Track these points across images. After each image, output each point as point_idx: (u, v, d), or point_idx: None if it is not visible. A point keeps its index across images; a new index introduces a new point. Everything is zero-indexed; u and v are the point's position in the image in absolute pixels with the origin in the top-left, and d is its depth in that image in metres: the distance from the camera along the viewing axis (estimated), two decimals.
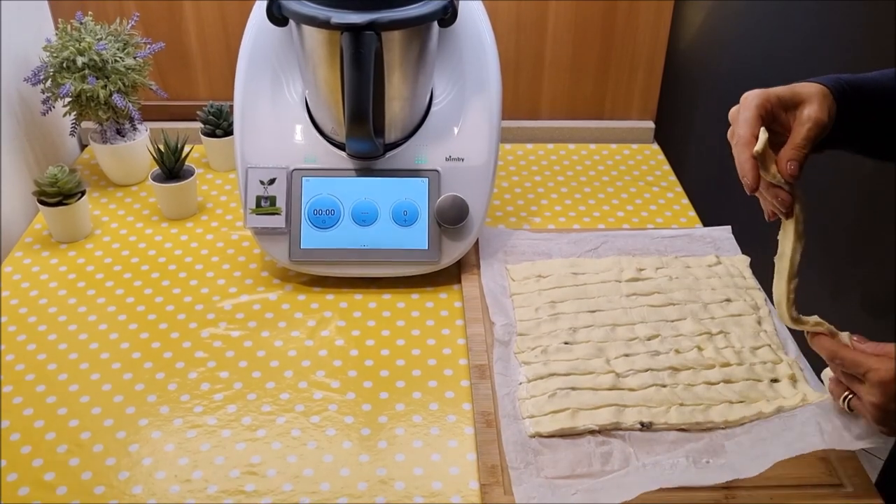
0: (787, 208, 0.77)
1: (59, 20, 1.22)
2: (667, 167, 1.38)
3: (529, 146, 1.43)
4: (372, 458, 0.85)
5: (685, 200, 1.29)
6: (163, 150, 1.19)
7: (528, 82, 1.41)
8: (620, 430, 0.86)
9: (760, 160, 0.75)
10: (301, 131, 1.09)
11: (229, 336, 1.01)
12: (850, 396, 0.78)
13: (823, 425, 0.83)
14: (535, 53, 1.38)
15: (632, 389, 0.90)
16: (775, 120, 0.77)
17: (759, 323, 1.00)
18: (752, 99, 0.76)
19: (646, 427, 0.86)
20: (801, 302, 1.09)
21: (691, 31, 1.41)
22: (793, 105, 0.76)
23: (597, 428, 0.86)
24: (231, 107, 1.28)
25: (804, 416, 0.85)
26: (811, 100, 0.75)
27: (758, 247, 1.15)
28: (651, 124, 1.45)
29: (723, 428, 0.87)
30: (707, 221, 1.24)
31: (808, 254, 1.00)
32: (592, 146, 1.44)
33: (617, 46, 1.38)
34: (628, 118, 1.45)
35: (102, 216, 1.23)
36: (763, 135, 0.74)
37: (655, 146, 1.45)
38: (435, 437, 0.88)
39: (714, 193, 1.35)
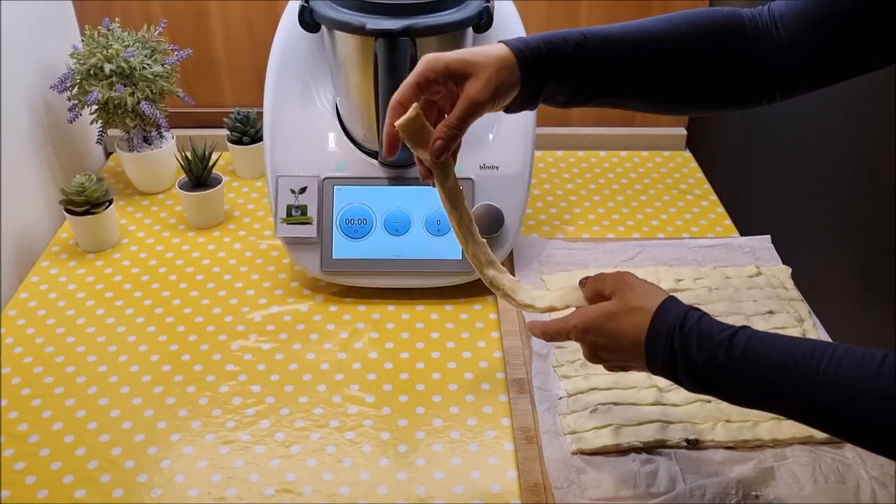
0: (426, 180, 0.76)
1: (86, 26, 1.21)
2: (700, 175, 1.36)
3: (559, 153, 1.41)
4: (410, 476, 0.83)
5: (720, 209, 1.26)
6: (190, 157, 1.17)
7: None
8: (666, 447, 0.84)
9: (410, 133, 0.71)
10: (332, 139, 1.07)
11: (260, 348, 0.99)
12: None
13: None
14: None
15: (676, 405, 0.88)
16: (441, 90, 0.73)
17: (805, 336, 0.97)
18: (419, 64, 0.72)
19: (692, 444, 0.84)
20: (833, 308, 1.06)
21: None
22: (462, 77, 0.71)
23: (641, 445, 0.83)
24: (258, 113, 1.27)
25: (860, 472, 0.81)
26: (479, 74, 0.71)
27: (799, 256, 1.13)
28: (683, 131, 1.42)
29: (772, 446, 0.84)
30: (744, 230, 1.21)
31: (837, 260, 0.97)
32: (623, 153, 1.41)
33: None
34: (660, 125, 1.42)
35: (129, 225, 1.21)
36: (412, 111, 0.70)
37: (688, 153, 1.42)
38: (474, 454, 0.85)
39: (750, 201, 1.33)
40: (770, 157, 1.35)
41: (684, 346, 0.66)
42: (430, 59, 0.72)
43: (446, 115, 0.73)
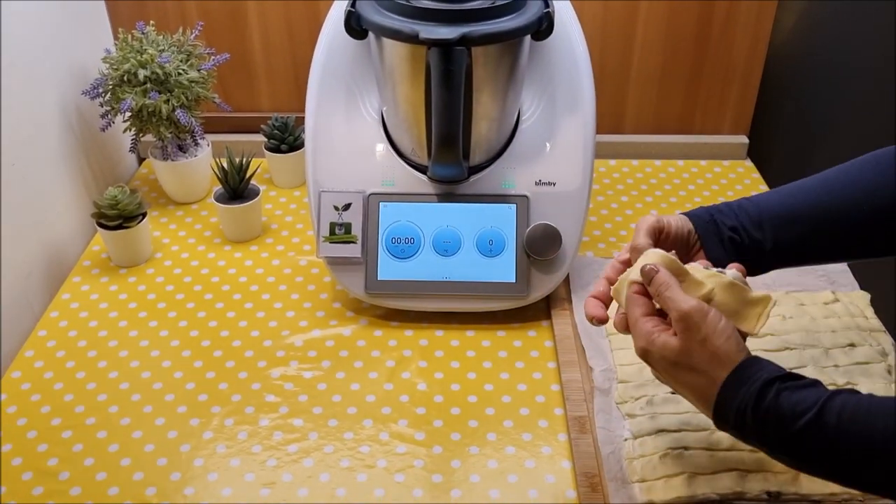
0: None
1: (119, 29, 1.15)
2: (763, 186, 1.28)
3: (612, 162, 1.33)
4: None
5: None
6: (226, 168, 1.11)
7: (613, 92, 1.31)
8: (744, 500, 0.77)
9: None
10: (378, 152, 1.01)
11: (301, 377, 0.93)
12: None
13: None
14: (622, 60, 1.28)
15: (753, 451, 0.80)
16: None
17: (890, 373, 0.89)
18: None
19: (773, 498, 0.77)
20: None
21: (790, 35, 1.29)
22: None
23: (717, 497, 0.76)
24: (297, 119, 1.21)
25: None
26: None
27: (878, 281, 1.04)
28: (745, 139, 1.34)
29: (861, 500, 0.77)
30: None
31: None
32: (680, 163, 1.34)
33: (712, 52, 1.27)
34: (720, 132, 1.34)
35: (163, 238, 1.16)
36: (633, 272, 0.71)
37: (749, 163, 1.34)
38: (534, 501, 0.79)
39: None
40: None
41: (760, 426, 0.62)
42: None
43: None
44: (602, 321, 0.73)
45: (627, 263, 0.74)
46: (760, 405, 0.61)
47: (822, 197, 0.74)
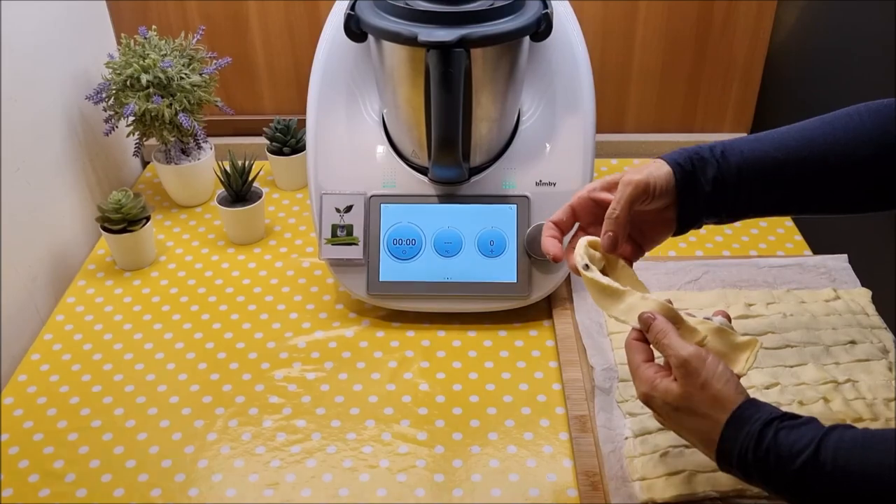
0: None
1: (122, 35, 1.16)
2: None
3: (614, 162, 1.34)
4: None
5: (789, 223, 1.18)
6: (229, 171, 1.12)
7: (614, 91, 1.32)
8: (745, 497, 0.77)
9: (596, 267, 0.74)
10: (379, 154, 1.01)
11: (304, 378, 0.93)
12: None
13: None
14: (622, 60, 1.28)
15: None
16: (594, 207, 0.78)
17: (891, 370, 0.90)
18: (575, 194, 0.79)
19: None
20: None
21: (791, 34, 1.29)
22: (617, 182, 0.75)
23: (717, 495, 0.77)
24: (299, 121, 1.21)
25: None
26: (630, 170, 0.75)
27: (880, 278, 1.04)
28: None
29: None
30: (816, 247, 1.13)
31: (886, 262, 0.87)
32: None
33: (712, 51, 1.27)
34: (720, 130, 1.35)
35: (167, 240, 1.17)
36: (580, 248, 0.75)
37: None
38: (535, 500, 0.79)
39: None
40: None
41: (761, 466, 0.62)
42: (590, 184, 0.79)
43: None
44: (557, 259, 0.76)
45: (595, 202, 0.77)
46: (760, 445, 0.62)
47: (803, 148, 0.74)
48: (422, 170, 1.00)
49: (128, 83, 1.11)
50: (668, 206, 0.75)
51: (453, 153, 0.91)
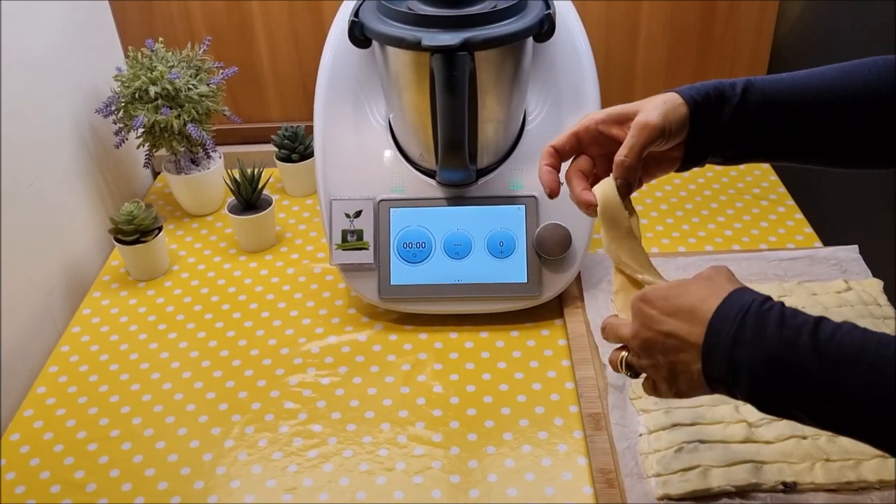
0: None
1: (129, 48, 1.17)
2: (774, 178, 1.27)
3: None
4: None
5: (799, 215, 1.18)
6: (239, 180, 1.13)
7: (619, 90, 1.32)
8: (760, 491, 0.77)
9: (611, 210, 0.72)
10: (387, 158, 1.02)
11: (319, 383, 0.94)
12: (625, 355, 0.70)
13: None
14: (627, 59, 1.29)
15: (768, 442, 0.81)
16: (602, 139, 0.74)
17: None
18: (582, 118, 0.75)
19: (789, 488, 0.77)
20: None
21: (794, 31, 1.29)
22: (627, 118, 0.72)
23: (733, 489, 0.77)
24: (307, 128, 1.22)
25: None
26: (645, 107, 0.70)
27: (890, 268, 1.04)
28: None
29: (878, 488, 0.77)
30: (827, 239, 1.13)
31: None
32: None
33: (715, 48, 1.27)
34: None
35: (179, 250, 1.18)
36: (606, 185, 0.73)
37: None
38: (551, 499, 0.80)
39: (830, 207, 1.24)
40: None
41: (760, 323, 0.57)
42: (592, 112, 0.75)
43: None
44: (553, 194, 0.75)
45: (603, 135, 0.73)
46: (765, 304, 0.59)
47: (822, 93, 0.72)
48: (430, 173, 1.01)
49: (136, 95, 1.12)
50: (678, 144, 0.72)
51: (460, 156, 0.92)
